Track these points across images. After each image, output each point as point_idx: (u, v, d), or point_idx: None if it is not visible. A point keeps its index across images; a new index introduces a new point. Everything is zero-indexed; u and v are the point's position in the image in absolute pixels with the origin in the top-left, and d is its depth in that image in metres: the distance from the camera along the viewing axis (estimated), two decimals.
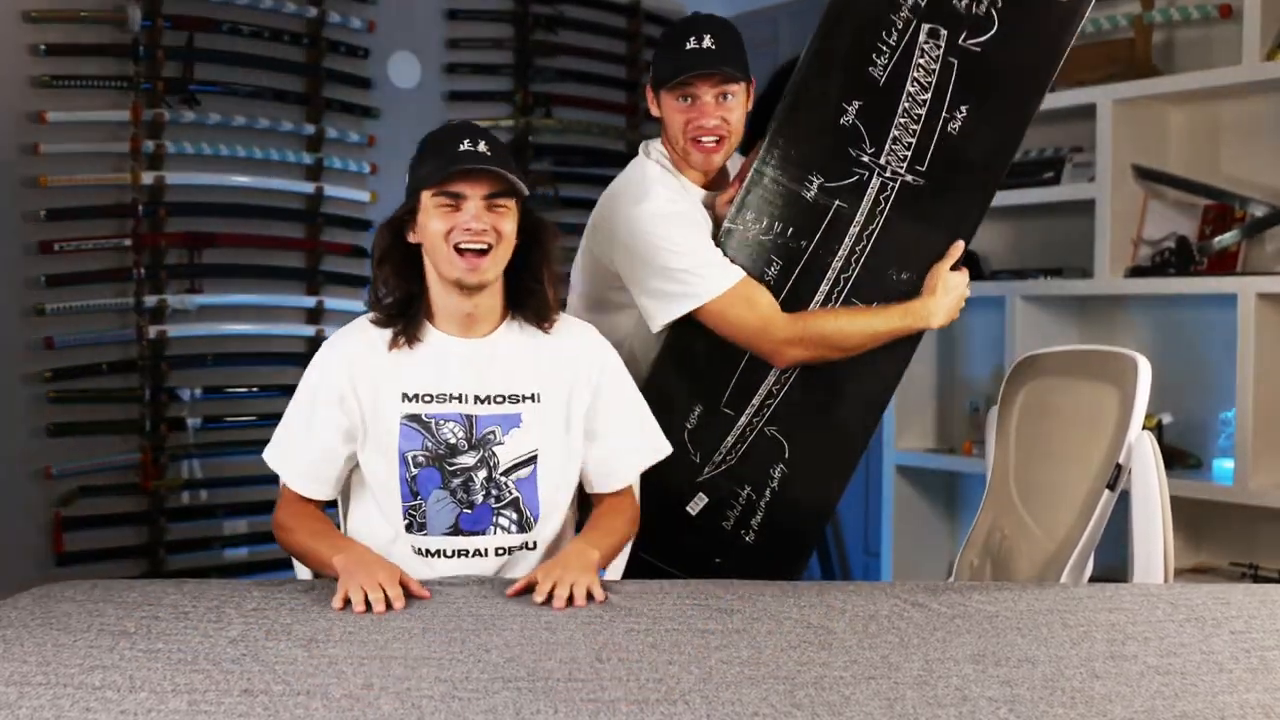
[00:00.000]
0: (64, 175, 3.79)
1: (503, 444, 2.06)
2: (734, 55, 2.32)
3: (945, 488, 4.09)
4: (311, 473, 2.11)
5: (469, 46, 4.70)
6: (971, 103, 2.30)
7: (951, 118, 2.30)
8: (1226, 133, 3.44)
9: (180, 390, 4.03)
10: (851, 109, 2.30)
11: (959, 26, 2.29)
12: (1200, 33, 3.47)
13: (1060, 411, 2.45)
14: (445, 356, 2.07)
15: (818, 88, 2.31)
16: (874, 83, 2.29)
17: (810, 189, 2.32)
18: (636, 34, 5.08)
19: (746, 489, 2.42)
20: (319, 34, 4.32)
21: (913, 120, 2.30)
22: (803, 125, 2.32)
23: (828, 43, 2.30)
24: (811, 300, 2.36)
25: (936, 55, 2.29)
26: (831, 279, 2.35)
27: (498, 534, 2.07)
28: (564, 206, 4.88)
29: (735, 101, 2.34)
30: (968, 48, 2.29)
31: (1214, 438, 3.39)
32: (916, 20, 2.27)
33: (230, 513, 4.12)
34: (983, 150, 2.33)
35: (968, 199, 2.37)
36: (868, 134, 2.30)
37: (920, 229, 2.35)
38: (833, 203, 2.32)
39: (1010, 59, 2.30)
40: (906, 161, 2.31)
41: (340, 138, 4.35)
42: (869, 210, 2.32)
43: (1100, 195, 3.43)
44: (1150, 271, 3.38)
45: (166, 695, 1.38)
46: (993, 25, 2.28)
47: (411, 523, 2.06)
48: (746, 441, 2.40)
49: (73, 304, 3.82)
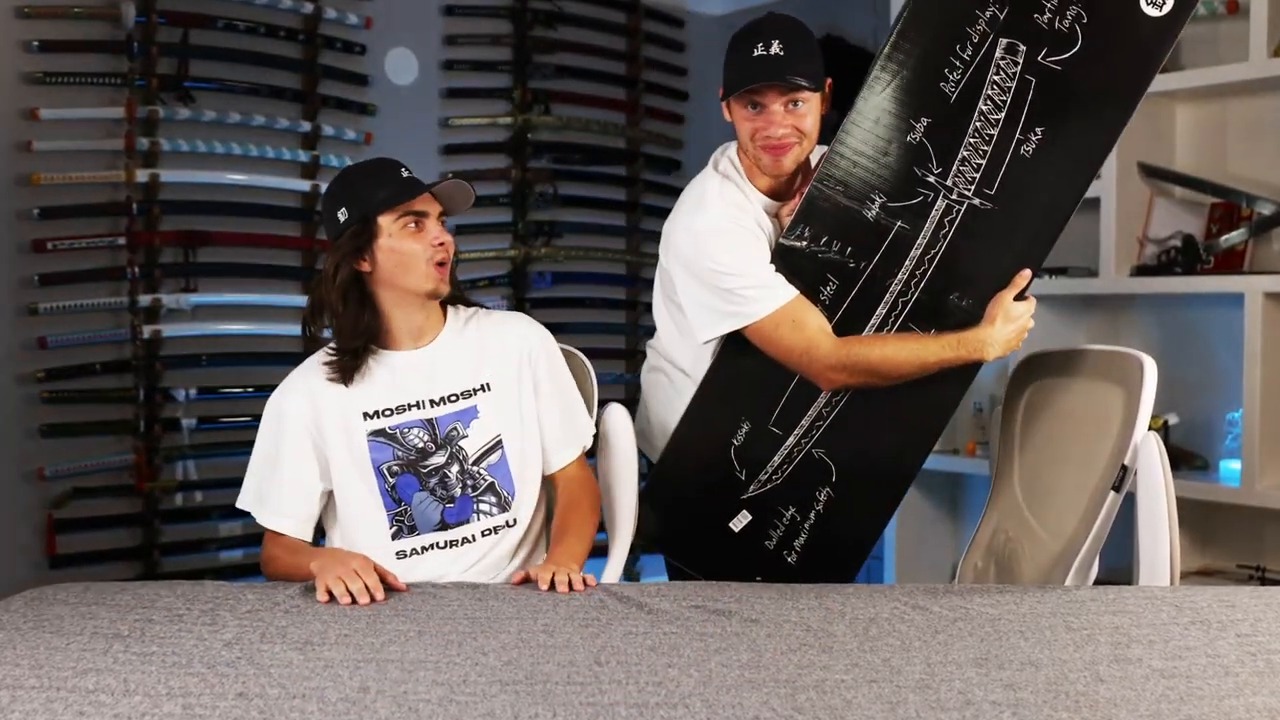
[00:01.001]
0: (57, 173, 3.79)
1: (467, 437, 2.19)
2: (804, 61, 2.24)
3: (949, 489, 4.09)
4: (289, 509, 2.19)
5: (467, 43, 4.70)
6: (1048, 124, 2.20)
7: (1025, 139, 2.22)
8: (1233, 130, 3.44)
9: (175, 390, 4.03)
10: (920, 126, 2.22)
11: (1039, 42, 2.19)
12: (1207, 29, 3.46)
13: (1065, 412, 2.45)
14: (396, 370, 2.19)
15: (885, 102, 2.23)
16: (945, 99, 2.21)
17: (872, 208, 2.25)
18: (637, 30, 5.08)
19: (791, 510, 2.40)
20: (315, 30, 4.32)
21: (984, 141, 2.22)
22: (868, 141, 2.25)
23: (898, 54, 2.22)
24: (867, 323, 2.30)
25: (1014, 72, 2.19)
26: (890, 302, 2.29)
27: (481, 519, 2.20)
28: (563, 205, 4.88)
29: (807, 108, 2.27)
30: (1047, 65, 2.19)
31: (1220, 439, 3.39)
32: (994, 34, 2.18)
33: (225, 515, 4.12)
34: (1056, 175, 2.23)
35: (1038, 226, 2.28)
36: (935, 153, 2.23)
37: (985, 255, 2.27)
38: (895, 224, 2.25)
39: (1093, 78, 2.20)
40: (975, 184, 2.23)
41: (337, 135, 4.35)
42: (932, 233, 2.26)
43: (1105, 193, 3.43)
44: (1156, 271, 3.38)
45: (161, 699, 1.38)
46: (1076, 42, 2.19)
47: (400, 528, 2.18)
48: (794, 463, 2.38)
49: (66, 303, 3.82)
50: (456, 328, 2.25)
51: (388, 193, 2.12)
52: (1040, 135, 2.22)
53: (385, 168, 2.18)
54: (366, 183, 2.15)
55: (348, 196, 2.15)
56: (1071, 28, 2.18)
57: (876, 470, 2.39)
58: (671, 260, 2.37)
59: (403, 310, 2.18)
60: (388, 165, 2.19)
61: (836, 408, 2.35)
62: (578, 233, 4.95)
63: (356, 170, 2.22)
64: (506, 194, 4.79)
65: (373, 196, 2.12)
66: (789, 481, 2.38)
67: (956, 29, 2.20)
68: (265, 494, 2.20)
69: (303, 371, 2.22)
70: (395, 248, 2.12)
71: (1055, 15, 2.18)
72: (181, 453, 4.07)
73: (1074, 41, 2.19)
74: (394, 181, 2.14)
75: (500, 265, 4.77)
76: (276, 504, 2.19)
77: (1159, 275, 3.36)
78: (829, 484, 2.38)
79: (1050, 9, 2.19)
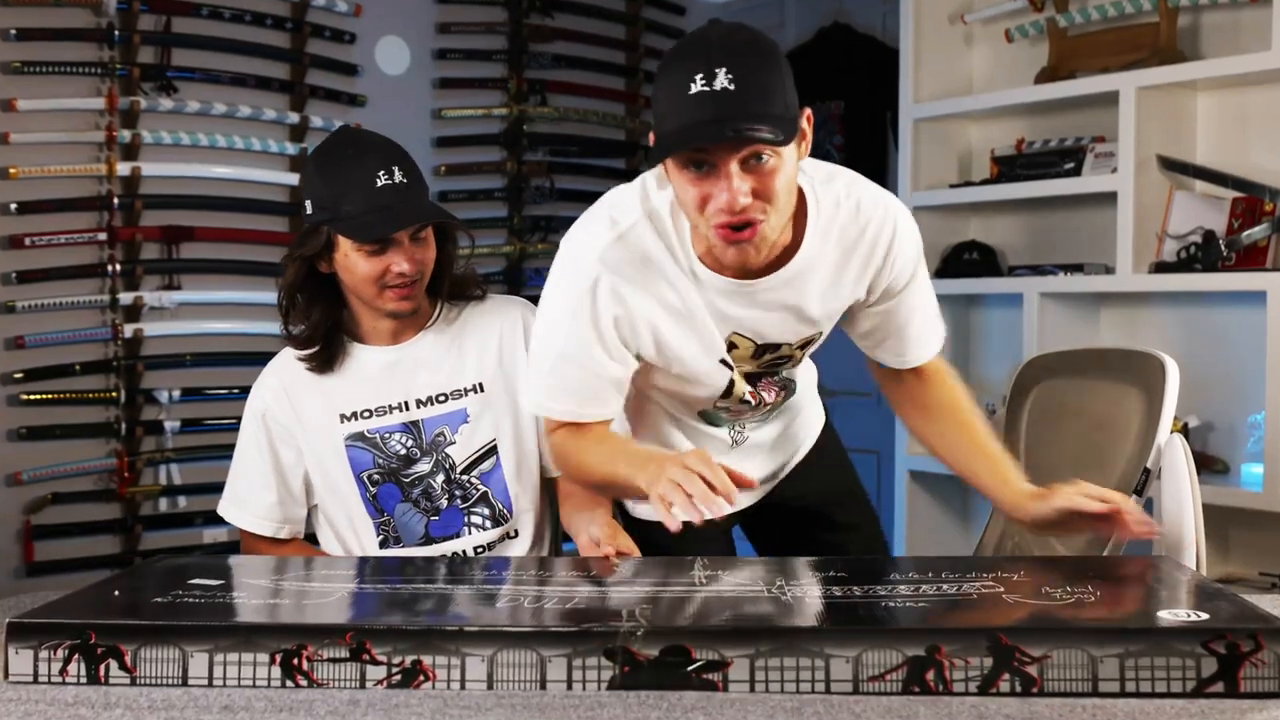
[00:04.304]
0: (35, 166, 3.80)
1: (454, 443, 2.10)
2: (764, 96, 1.62)
3: (959, 493, 4.09)
4: (275, 514, 2.14)
5: (460, 31, 4.70)
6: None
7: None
8: (1255, 121, 3.44)
9: (157, 391, 4.04)
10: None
11: None
12: (1228, 16, 3.47)
13: (1075, 413, 2.44)
14: (374, 368, 2.10)
15: None
16: None
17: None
18: (636, 17, 5.08)
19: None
20: (303, 18, 4.32)
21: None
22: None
23: None
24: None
25: None
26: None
27: (473, 533, 2.11)
28: (560, 199, 4.89)
29: (776, 162, 1.66)
30: None
31: (1242, 442, 3.39)
32: None
33: (209, 521, 4.12)
34: None
35: None
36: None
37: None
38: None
39: None
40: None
41: (325, 127, 4.35)
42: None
43: (1123, 187, 3.43)
44: (1175, 267, 3.38)
45: (143, 712, 1.38)
46: None
47: (386, 537, 2.11)
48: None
49: (44, 301, 3.82)
50: (443, 321, 2.14)
51: (351, 211, 1.96)
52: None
53: (363, 169, 1.96)
54: (337, 183, 1.98)
55: (314, 190, 2.02)
56: None
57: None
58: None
59: (369, 315, 2.09)
60: (367, 165, 1.96)
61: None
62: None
63: (333, 157, 2.02)
64: (501, 188, 4.79)
65: (335, 206, 1.97)
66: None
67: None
68: (247, 499, 2.16)
69: (276, 367, 2.16)
70: (350, 267, 2.01)
71: None
72: (164, 456, 4.07)
73: None
74: (362, 197, 1.95)
75: (495, 262, 4.78)
76: (256, 507, 2.15)
77: (1178, 272, 3.36)
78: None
79: None
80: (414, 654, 1.44)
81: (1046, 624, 1.48)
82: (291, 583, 1.75)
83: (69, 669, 1.48)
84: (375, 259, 1.99)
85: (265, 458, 2.13)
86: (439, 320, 2.14)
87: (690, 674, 1.41)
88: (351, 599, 1.68)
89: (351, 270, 2.01)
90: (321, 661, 1.45)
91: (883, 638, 1.41)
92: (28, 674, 1.48)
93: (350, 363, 2.11)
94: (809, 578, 1.74)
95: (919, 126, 4.00)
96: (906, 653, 1.39)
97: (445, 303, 2.15)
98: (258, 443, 2.14)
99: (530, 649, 1.43)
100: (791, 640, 1.41)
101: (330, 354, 2.09)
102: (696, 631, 1.44)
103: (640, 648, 1.42)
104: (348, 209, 1.96)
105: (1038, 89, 3.71)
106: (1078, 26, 3.71)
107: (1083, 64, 3.65)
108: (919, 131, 4.00)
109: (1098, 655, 1.38)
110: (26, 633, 1.49)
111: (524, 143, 4.81)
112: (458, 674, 1.44)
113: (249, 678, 1.45)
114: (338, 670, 1.45)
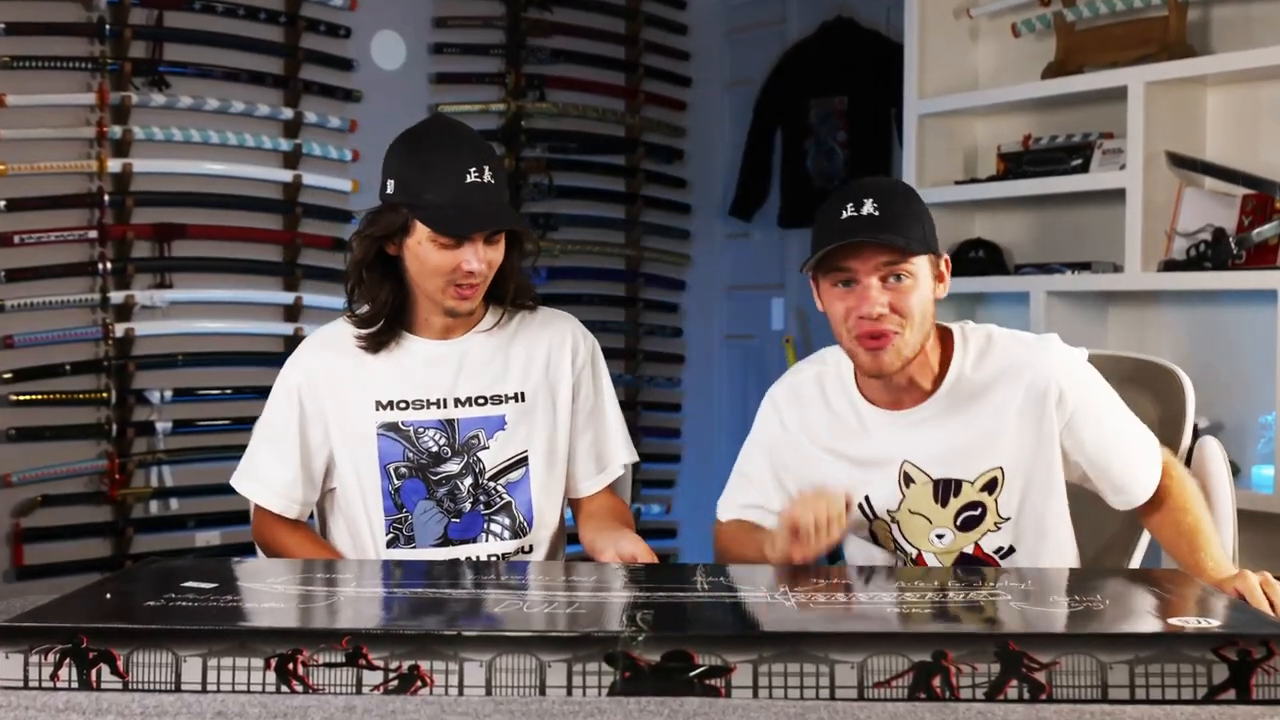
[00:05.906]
0: (24, 163, 3.79)
1: (487, 448, 2.10)
2: (906, 221, 1.92)
3: None
4: (289, 492, 2.12)
5: (457, 25, 4.70)
6: None
7: None
8: (1266, 117, 3.44)
9: (149, 392, 4.03)
10: None
11: None
12: (1239, 10, 3.46)
13: None
14: (418, 360, 2.11)
15: None
16: None
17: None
18: (636, 12, 5.08)
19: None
20: (297, 12, 4.32)
21: None
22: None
23: None
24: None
25: None
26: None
27: (490, 540, 2.11)
28: (559, 195, 4.89)
29: (911, 282, 1.91)
30: None
31: (1253, 443, 3.39)
32: None
33: (202, 523, 4.12)
34: None
35: None
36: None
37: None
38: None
39: None
40: None
41: (320, 123, 4.35)
42: None
43: (1131, 184, 3.43)
44: (1185, 266, 3.37)
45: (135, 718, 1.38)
46: None
47: (397, 536, 2.10)
48: None
49: (34, 300, 3.82)
50: (495, 323, 2.15)
51: (435, 200, 1.97)
52: None
53: (454, 161, 1.98)
54: (423, 169, 1.99)
55: (399, 171, 2.02)
56: None
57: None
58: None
59: (428, 306, 2.10)
60: (459, 158, 1.98)
61: None
62: (575, 226, 4.95)
63: (426, 143, 2.03)
64: None
65: (419, 192, 1.99)
66: None
67: None
68: (262, 471, 2.14)
69: (316, 342, 2.16)
70: (421, 256, 2.02)
71: None
72: (156, 458, 4.07)
73: None
74: (449, 189, 1.97)
75: None
76: (272, 482, 2.13)
77: (1187, 270, 3.36)
78: None
79: None
80: (411, 659, 1.44)
81: (1055, 630, 1.48)
82: (287, 586, 1.75)
83: (60, 674, 1.48)
84: (448, 252, 2.00)
85: (292, 433, 2.12)
86: (490, 321, 2.16)
87: (692, 680, 1.41)
88: (348, 602, 1.68)
89: (422, 259, 2.02)
90: (317, 666, 1.45)
91: (888, 643, 1.41)
92: (18, 679, 1.48)
93: (396, 350, 2.12)
94: (812, 583, 1.74)
95: (924, 122, 4.00)
96: (913, 658, 1.39)
97: (505, 309, 2.17)
98: (285, 418, 2.13)
99: (529, 654, 1.43)
100: (796, 646, 1.41)
101: (385, 336, 2.10)
102: (699, 636, 1.44)
103: (641, 653, 1.42)
104: (431, 197, 1.98)
105: (1044, 84, 3.71)
106: (1085, 20, 3.71)
107: (1090, 59, 3.65)
108: (924, 127, 4.00)
109: (1107, 662, 1.38)
110: (16, 637, 1.49)
111: (522, 139, 4.81)
112: (456, 679, 1.44)
113: (243, 683, 1.45)
114: (334, 675, 1.45)
